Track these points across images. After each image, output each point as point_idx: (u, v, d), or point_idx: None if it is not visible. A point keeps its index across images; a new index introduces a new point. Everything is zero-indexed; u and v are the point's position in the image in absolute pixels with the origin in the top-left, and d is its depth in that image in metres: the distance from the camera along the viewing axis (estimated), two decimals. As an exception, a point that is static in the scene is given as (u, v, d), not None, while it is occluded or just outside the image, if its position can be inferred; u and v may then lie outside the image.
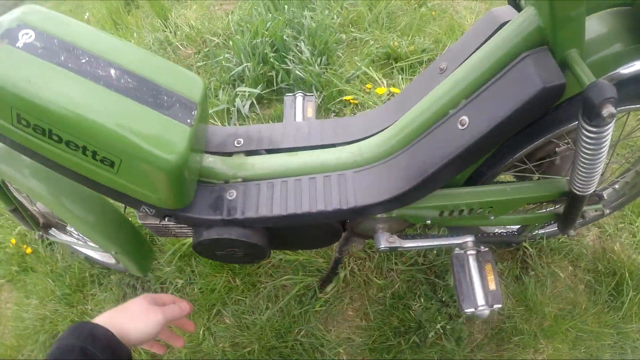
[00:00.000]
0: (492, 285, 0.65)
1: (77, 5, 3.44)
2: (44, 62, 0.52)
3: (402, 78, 1.41)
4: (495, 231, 0.90)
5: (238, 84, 1.51)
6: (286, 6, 1.73)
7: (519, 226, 0.87)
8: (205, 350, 1.01)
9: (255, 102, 1.39)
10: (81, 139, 0.52)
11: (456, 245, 0.69)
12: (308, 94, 0.91)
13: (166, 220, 0.66)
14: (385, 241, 0.68)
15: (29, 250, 1.39)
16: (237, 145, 0.71)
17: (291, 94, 0.91)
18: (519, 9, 0.57)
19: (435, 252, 1.02)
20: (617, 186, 0.81)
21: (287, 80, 1.42)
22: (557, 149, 0.69)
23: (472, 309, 0.65)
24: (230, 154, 0.71)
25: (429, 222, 0.68)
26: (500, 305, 0.64)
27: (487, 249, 0.68)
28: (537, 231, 0.89)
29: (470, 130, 0.50)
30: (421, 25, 1.74)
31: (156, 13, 2.08)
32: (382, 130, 0.65)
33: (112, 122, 0.52)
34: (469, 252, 0.68)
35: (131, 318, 0.54)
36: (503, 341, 0.93)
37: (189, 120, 0.56)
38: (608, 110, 0.39)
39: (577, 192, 0.55)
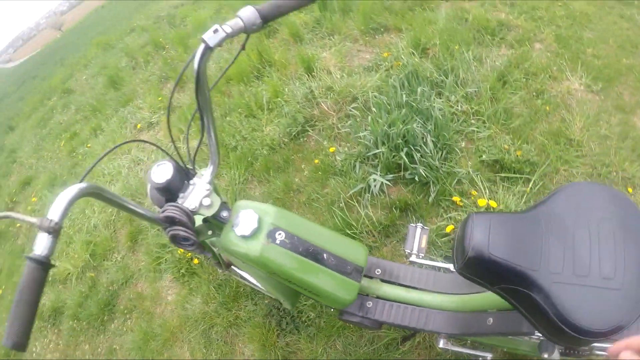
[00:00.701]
0: None
1: (216, 11, 4.02)
2: (292, 253, 0.94)
3: (502, 187, 1.86)
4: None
5: (372, 159, 2.06)
6: (419, 88, 2.19)
7: None
8: None
9: (384, 184, 1.94)
10: (305, 287, 1.03)
11: (481, 356, 1.23)
12: (425, 227, 1.43)
13: (332, 310, 1.27)
14: (443, 344, 1.23)
15: (196, 261, 2.09)
16: (377, 273, 1.24)
17: (414, 225, 1.42)
18: None
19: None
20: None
21: (411, 170, 1.94)
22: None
23: None
24: (371, 278, 1.25)
25: (469, 340, 1.25)
26: None
27: None
28: None
29: (492, 327, 1.01)
30: (533, 122, 2.12)
31: (301, 61, 2.61)
32: (457, 293, 1.16)
33: (324, 284, 1.01)
34: None
35: None
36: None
37: (358, 279, 1.06)
38: None
39: None
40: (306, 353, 1.71)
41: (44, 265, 0.59)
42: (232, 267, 1.72)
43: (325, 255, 1.00)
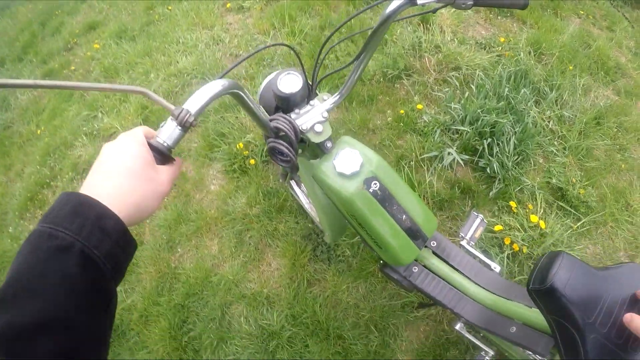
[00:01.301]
0: None
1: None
2: (378, 205, 0.99)
3: (555, 213, 2.03)
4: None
5: (454, 132, 2.18)
6: (523, 89, 2.27)
7: None
8: (339, 297, 1.85)
9: (456, 161, 2.07)
10: (374, 237, 1.05)
11: (485, 350, 1.42)
12: (484, 221, 1.58)
13: (381, 261, 1.41)
14: (459, 327, 1.40)
15: (252, 161, 2.18)
16: (432, 245, 1.36)
17: (476, 213, 1.54)
18: None
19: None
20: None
21: (486, 160, 2.08)
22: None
23: None
24: (426, 247, 1.36)
25: (482, 334, 1.44)
26: None
27: None
28: None
29: (513, 335, 1.18)
30: (606, 172, 2.27)
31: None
32: (493, 292, 1.31)
33: (392, 241, 1.05)
34: (486, 356, 1.40)
35: (142, 195, 0.49)
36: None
37: (421, 247, 1.17)
38: None
39: None
40: (330, 284, 1.87)
41: (163, 155, 0.56)
42: (292, 181, 1.80)
43: (404, 216, 1.06)
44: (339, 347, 1.79)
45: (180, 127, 0.56)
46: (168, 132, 0.56)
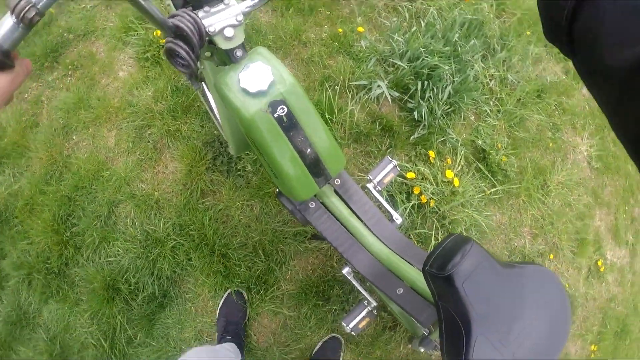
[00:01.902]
0: (361, 324, 1.38)
1: None
2: (282, 133, 0.91)
3: (472, 174, 2.00)
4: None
5: (390, 65, 2.04)
6: (474, 40, 2.17)
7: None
8: (232, 213, 1.77)
9: (384, 95, 1.94)
10: (271, 166, 0.98)
11: (368, 300, 1.37)
12: (397, 167, 1.49)
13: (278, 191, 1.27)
14: (346, 272, 1.34)
15: None
16: (336, 183, 1.27)
17: (391, 159, 1.45)
18: None
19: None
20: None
21: (416, 102, 1.97)
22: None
23: (345, 325, 1.36)
24: (328, 184, 1.26)
25: (368, 284, 1.38)
26: (354, 334, 1.37)
27: (376, 314, 1.40)
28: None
29: (397, 296, 1.14)
30: (532, 146, 2.27)
31: None
32: (388, 247, 1.25)
33: (292, 175, 0.99)
34: (368, 306, 1.36)
35: None
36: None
37: (321, 186, 1.07)
38: None
39: None
40: (225, 198, 1.79)
41: None
42: (203, 82, 1.63)
43: (309, 150, 0.99)
44: (222, 265, 1.75)
45: (21, 24, 0.45)
46: (3, 31, 0.45)
